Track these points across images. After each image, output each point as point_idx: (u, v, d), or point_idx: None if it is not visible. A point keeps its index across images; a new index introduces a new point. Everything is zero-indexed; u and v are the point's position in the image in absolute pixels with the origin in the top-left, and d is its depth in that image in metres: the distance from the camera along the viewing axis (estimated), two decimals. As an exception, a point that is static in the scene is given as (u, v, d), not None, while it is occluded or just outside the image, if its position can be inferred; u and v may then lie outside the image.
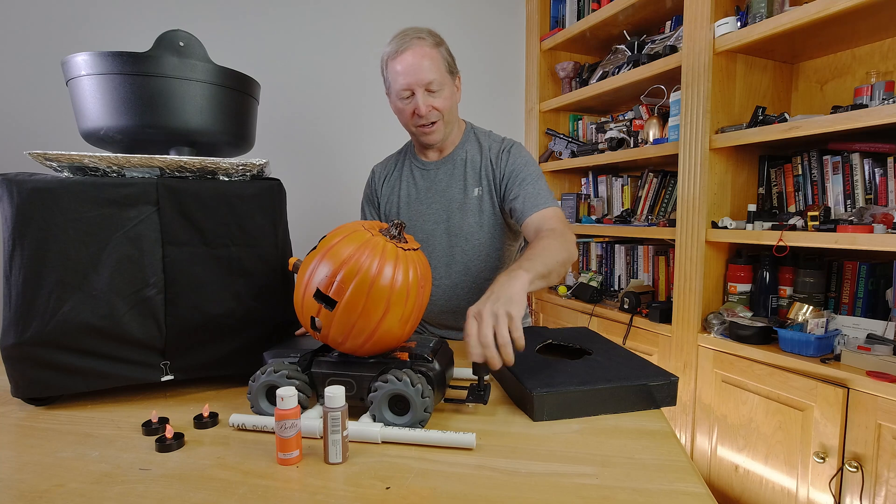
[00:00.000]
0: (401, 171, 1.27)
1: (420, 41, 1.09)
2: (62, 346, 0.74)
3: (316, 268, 0.68)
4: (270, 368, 0.69)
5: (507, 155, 1.17)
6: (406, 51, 1.08)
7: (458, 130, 1.23)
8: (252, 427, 0.69)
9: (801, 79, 1.69)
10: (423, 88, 1.09)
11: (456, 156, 1.21)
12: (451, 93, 1.14)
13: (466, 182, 1.18)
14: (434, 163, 1.22)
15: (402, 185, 1.25)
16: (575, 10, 2.31)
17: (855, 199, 1.44)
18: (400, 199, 1.24)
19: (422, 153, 1.25)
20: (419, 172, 1.24)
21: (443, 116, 1.13)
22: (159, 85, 0.80)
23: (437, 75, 1.09)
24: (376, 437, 0.64)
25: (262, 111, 1.03)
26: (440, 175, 1.21)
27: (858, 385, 1.20)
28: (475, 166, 1.19)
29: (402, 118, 1.16)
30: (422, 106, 1.09)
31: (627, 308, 1.92)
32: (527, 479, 0.56)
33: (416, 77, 1.07)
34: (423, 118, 1.11)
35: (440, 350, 0.75)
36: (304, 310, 0.70)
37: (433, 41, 1.10)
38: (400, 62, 1.08)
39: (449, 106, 1.13)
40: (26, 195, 0.72)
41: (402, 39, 1.09)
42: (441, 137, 1.16)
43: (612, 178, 2.34)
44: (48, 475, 0.57)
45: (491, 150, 1.19)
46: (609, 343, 0.94)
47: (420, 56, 1.07)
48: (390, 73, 1.11)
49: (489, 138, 1.22)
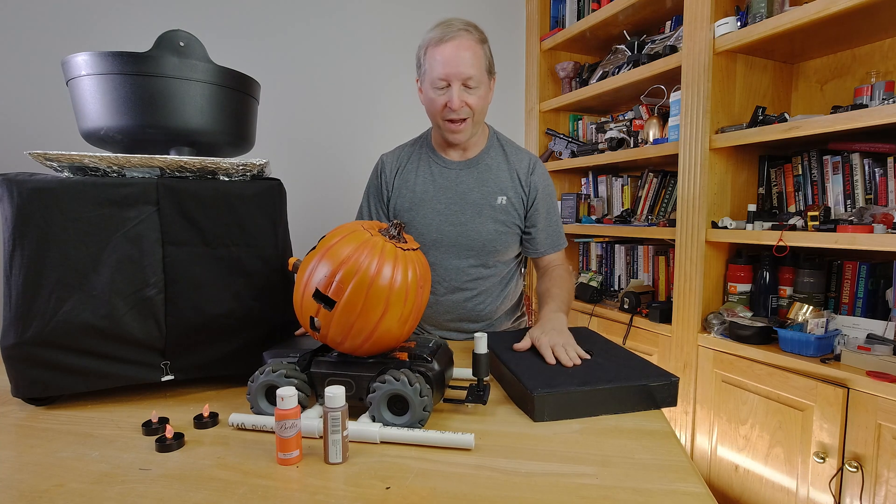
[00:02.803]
0: (416, 164, 1.21)
1: (467, 34, 1.06)
2: (62, 346, 0.74)
3: (315, 268, 0.68)
4: (269, 368, 0.69)
5: (534, 176, 1.18)
6: (451, 40, 1.04)
7: (483, 134, 1.20)
8: (252, 427, 0.69)
9: (801, 79, 1.69)
10: (460, 82, 1.05)
11: (480, 161, 1.18)
12: (485, 92, 1.11)
13: (492, 189, 1.16)
14: (457, 163, 1.19)
15: (419, 180, 1.19)
16: (575, 10, 2.31)
17: (855, 199, 1.44)
18: (415, 193, 1.19)
19: (442, 150, 1.20)
20: (438, 170, 1.19)
21: (473, 115, 1.09)
22: (159, 85, 0.80)
23: (477, 72, 1.06)
24: (375, 437, 0.64)
25: (262, 111, 1.03)
26: (463, 177, 1.18)
27: (858, 385, 1.20)
28: (501, 175, 1.17)
29: (431, 108, 1.11)
30: (455, 99, 1.05)
31: (627, 308, 1.92)
32: (527, 479, 0.56)
33: (457, 69, 1.04)
34: (454, 112, 1.07)
35: (439, 350, 0.75)
36: (304, 310, 0.70)
37: (479, 36, 1.08)
38: (442, 51, 1.05)
39: (482, 106, 1.10)
40: (26, 195, 0.72)
41: (447, 28, 1.05)
42: (467, 137, 1.13)
43: (612, 178, 2.34)
44: (48, 475, 0.57)
45: (520, 165, 1.18)
46: (609, 343, 0.94)
47: (464, 48, 1.04)
48: (429, 60, 1.07)
49: (514, 149, 1.21)
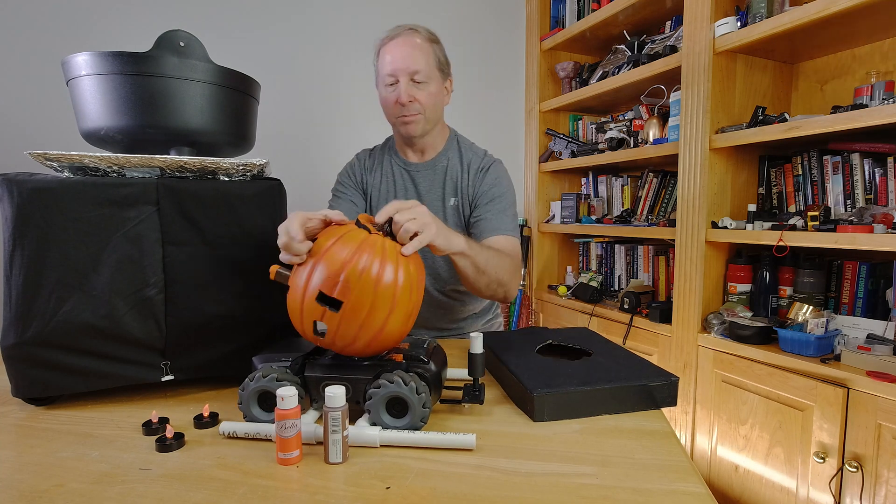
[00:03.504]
0: (380, 164, 1.24)
1: (413, 32, 1.08)
2: (62, 346, 0.74)
3: (313, 270, 0.66)
4: (259, 374, 0.67)
5: (485, 174, 1.16)
6: (397, 37, 1.07)
7: (442, 136, 1.21)
8: (244, 435, 0.66)
9: (801, 79, 1.69)
10: (408, 77, 1.07)
11: (437, 162, 1.20)
12: (437, 90, 1.12)
13: (445, 190, 1.18)
14: (415, 164, 1.21)
15: (382, 181, 1.22)
16: (575, 10, 2.31)
17: (855, 199, 1.44)
18: (380, 193, 1.22)
19: (403, 150, 1.22)
20: (399, 170, 1.22)
21: (424, 111, 1.10)
22: (159, 85, 0.79)
23: (425, 67, 1.08)
24: (375, 441, 0.63)
25: (262, 111, 1.03)
26: (419, 178, 1.20)
27: (858, 385, 1.20)
28: (454, 176, 1.18)
29: (385, 108, 1.14)
30: (403, 94, 1.07)
31: (627, 308, 1.92)
32: (527, 479, 0.56)
33: (403, 64, 1.06)
34: (404, 108, 1.09)
35: (434, 351, 0.75)
36: (305, 315, 0.67)
37: (427, 36, 1.10)
38: (389, 48, 1.08)
39: (432, 103, 1.11)
40: (26, 195, 0.72)
41: (396, 29, 1.09)
42: (420, 132, 1.13)
43: (612, 178, 2.34)
44: (48, 475, 0.57)
45: (471, 165, 1.18)
46: (609, 343, 0.94)
47: (410, 45, 1.07)
48: (380, 60, 1.10)
49: (471, 151, 1.21)
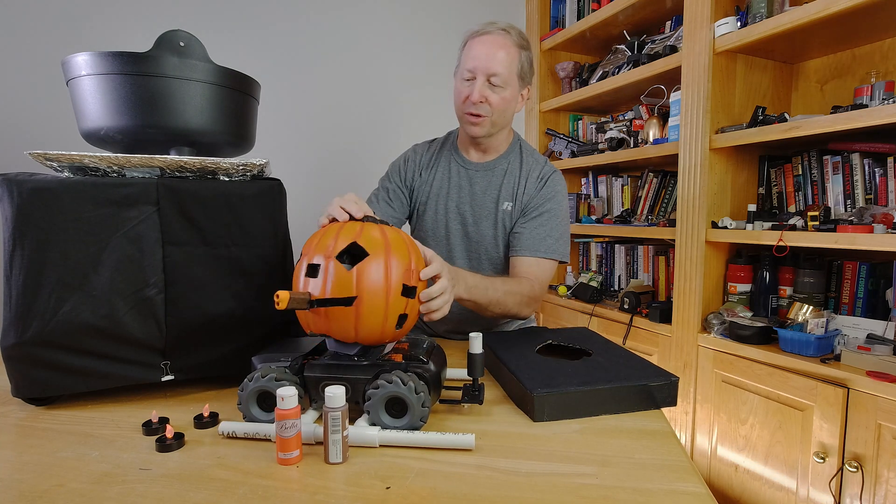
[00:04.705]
0: (438, 159, 1.23)
1: (505, 34, 1.07)
2: (62, 346, 0.74)
3: (389, 268, 0.68)
4: (258, 374, 0.67)
5: (543, 185, 1.16)
6: (487, 35, 1.06)
7: (506, 139, 1.21)
8: (244, 435, 0.66)
9: (801, 79, 1.69)
10: (485, 77, 1.06)
11: (497, 165, 1.19)
12: (511, 96, 1.10)
13: (500, 194, 1.17)
14: (475, 164, 1.20)
15: (437, 175, 1.22)
16: (575, 10, 2.31)
17: (855, 199, 1.44)
18: (432, 188, 1.21)
19: (464, 148, 1.22)
20: (456, 168, 1.21)
21: (492, 114, 1.09)
22: (159, 85, 0.79)
23: (505, 71, 1.06)
24: (374, 440, 0.64)
25: (262, 111, 1.03)
26: (477, 179, 1.19)
27: (858, 385, 1.20)
28: (512, 181, 1.17)
29: (455, 100, 1.13)
30: (476, 93, 1.06)
31: (627, 308, 1.92)
32: (527, 479, 0.56)
33: (485, 63, 1.05)
34: (473, 106, 1.08)
35: (434, 351, 0.75)
36: (391, 313, 0.69)
37: (517, 41, 1.08)
38: (476, 45, 1.06)
39: (502, 107, 1.10)
40: (26, 195, 0.72)
41: (489, 25, 1.07)
42: (483, 133, 1.12)
43: (612, 178, 2.34)
44: (48, 475, 0.57)
45: (531, 173, 1.17)
46: (609, 343, 0.94)
47: (497, 46, 1.05)
48: (464, 53, 1.10)
49: (532, 158, 1.20)
